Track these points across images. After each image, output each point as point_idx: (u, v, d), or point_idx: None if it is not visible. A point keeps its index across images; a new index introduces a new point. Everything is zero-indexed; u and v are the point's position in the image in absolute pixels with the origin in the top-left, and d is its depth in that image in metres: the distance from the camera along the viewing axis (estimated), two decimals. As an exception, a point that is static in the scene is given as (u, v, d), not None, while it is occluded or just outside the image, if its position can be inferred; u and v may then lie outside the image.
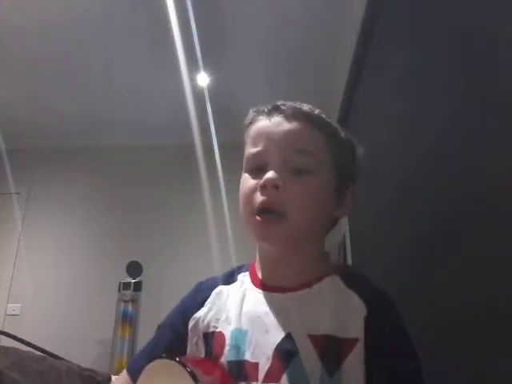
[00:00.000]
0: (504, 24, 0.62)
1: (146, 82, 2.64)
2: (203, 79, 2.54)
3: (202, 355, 0.59)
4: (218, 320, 0.60)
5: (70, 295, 2.96)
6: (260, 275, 0.63)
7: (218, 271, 0.70)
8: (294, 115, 0.62)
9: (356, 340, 0.52)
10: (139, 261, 2.79)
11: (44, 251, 3.13)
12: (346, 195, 0.64)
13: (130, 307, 2.59)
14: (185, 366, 0.48)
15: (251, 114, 0.66)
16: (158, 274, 2.86)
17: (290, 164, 0.58)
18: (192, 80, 2.47)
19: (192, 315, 0.62)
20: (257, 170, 0.60)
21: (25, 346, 1.08)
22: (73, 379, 0.77)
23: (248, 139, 0.64)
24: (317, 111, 0.64)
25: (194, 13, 1.88)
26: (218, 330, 0.59)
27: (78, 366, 0.91)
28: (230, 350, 0.56)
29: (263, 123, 0.63)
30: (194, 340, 0.60)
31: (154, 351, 0.62)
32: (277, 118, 0.62)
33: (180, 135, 2.97)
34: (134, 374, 0.60)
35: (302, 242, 0.60)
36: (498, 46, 0.64)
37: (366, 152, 0.70)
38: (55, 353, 1.02)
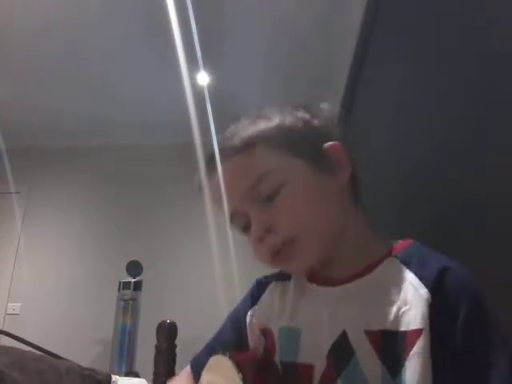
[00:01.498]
0: (504, 24, 0.62)
1: (146, 82, 2.64)
2: (203, 78, 2.54)
3: (261, 351, 0.57)
4: (269, 317, 0.57)
5: (69, 294, 2.96)
6: (316, 270, 0.58)
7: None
8: (225, 157, 0.56)
9: (420, 331, 0.44)
10: (139, 260, 2.79)
11: (44, 251, 3.13)
12: (329, 158, 0.55)
13: (130, 307, 2.59)
14: (235, 366, 0.47)
15: (197, 181, 0.64)
16: (157, 274, 2.86)
17: (259, 198, 0.53)
18: (192, 79, 2.46)
19: (248, 311, 0.61)
20: (246, 228, 0.56)
21: (25, 346, 1.08)
22: (73, 378, 0.77)
23: (214, 207, 0.60)
24: (239, 135, 0.56)
25: (194, 12, 1.88)
26: (268, 327, 0.56)
27: (78, 366, 0.91)
28: (281, 349, 0.53)
29: (213, 186, 0.58)
30: (253, 336, 0.59)
31: (216, 347, 0.61)
32: (217, 173, 0.56)
33: (180, 135, 2.97)
34: (197, 369, 0.59)
35: (330, 241, 0.54)
36: (499, 45, 0.64)
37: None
38: (55, 352, 1.02)
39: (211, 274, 2.45)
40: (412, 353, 0.44)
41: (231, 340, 0.61)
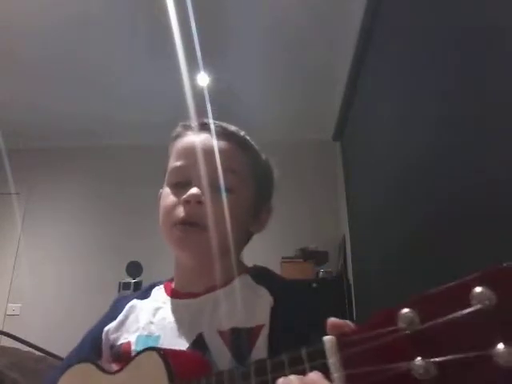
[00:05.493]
0: (504, 23, 0.62)
1: (146, 82, 2.64)
2: (203, 79, 2.54)
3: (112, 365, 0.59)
4: (128, 332, 0.61)
5: (69, 295, 2.96)
6: (174, 285, 0.66)
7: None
8: (221, 134, 0.63)
9: (262, 326, 0.54)
10: (139, 261, 2.79)
11: (44, 251, 3.13)
12: (262, 212, 0.67)
13: (129, 307, 2.58)
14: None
15: (179, 128, 0.68)
16: (157, 274, 2.84)
17: (213, 181, 0.60)
18: (192, 80, 2.47)
19: (105, 328, 0.64)
20: (179, 186, 0.62)
21: (25, 346, 1.08)
22: (73, 379, 0.76)
23: (173, 153, 0.66)
24: (242, 132, 0.66)
25: (194, 13, 1.88)
26: (126, 341, 0.59)
27: (78, 366, 0.90)
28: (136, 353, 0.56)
29: (191, 139, 0.64)
30: (106, 352, 0.62)
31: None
32: (204, 136, 0.63)
33: (180, 135, 2.97)
34: None
35: (218, 253, 0.60)
36: (498, 45, 0.64)
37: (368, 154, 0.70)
38: (55, 353, 1.02)
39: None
40: (256, 344, 0.53)
41: (89, 357, 0.61)
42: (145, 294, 0.68)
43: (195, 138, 0.63)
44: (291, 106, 2.85)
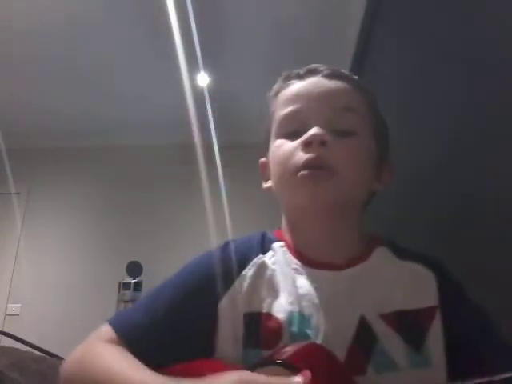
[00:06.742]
0: (504, 22, 0.62)
1: (146, 82, 2.64)
2: (203, 79, 2.54)
3: (239, 338, 0.48)
4: (265, 299, 0.50)
5: (69, 295, 2.96)
6: (304, 251, 0.54)
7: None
8: (333, 75, 0.56)
9: (433, 307, 0.49)
10: (139, 261, 2.79)
11: (44, 251, 3.13)
12: (384, 169, 0.58)
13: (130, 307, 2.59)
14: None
15: (279, 82, 0.61)
16: (158, 274, 2.84)
17: (334, 124, 0.52)
18: (192, 80, 2.46)
19: (226, 287, 0.51)
20: (292, 135, 0.53)
21: (25, 346, 1.08)
22: (73, 379, 0.76)
23: (279, 105, 0.57)
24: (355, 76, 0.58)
25: (194, 13, 1.88)
26: (265, 312, 0.48)
27: (78, 366, 0.90)
28: (292, 337, 0.46)
29: (298, 85, 0.57)
30: (230, 319, 0.49)
31: (172, 328, 0.50)
32: (314, 79, 0.56)
33: (180, 135, 2.97)
34: (135, 343, 0.49)
35: (349, 208, 0.54)
36: (499, 44, 0.64)
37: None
38: (55, 353, 1.02)
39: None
40: (431, 327, 0.48)
41: (195, 323, 0.50)
42: (263, 247, 0.55)
43: (303, 83, 0.56)
44: (291, 106, 2.85)
